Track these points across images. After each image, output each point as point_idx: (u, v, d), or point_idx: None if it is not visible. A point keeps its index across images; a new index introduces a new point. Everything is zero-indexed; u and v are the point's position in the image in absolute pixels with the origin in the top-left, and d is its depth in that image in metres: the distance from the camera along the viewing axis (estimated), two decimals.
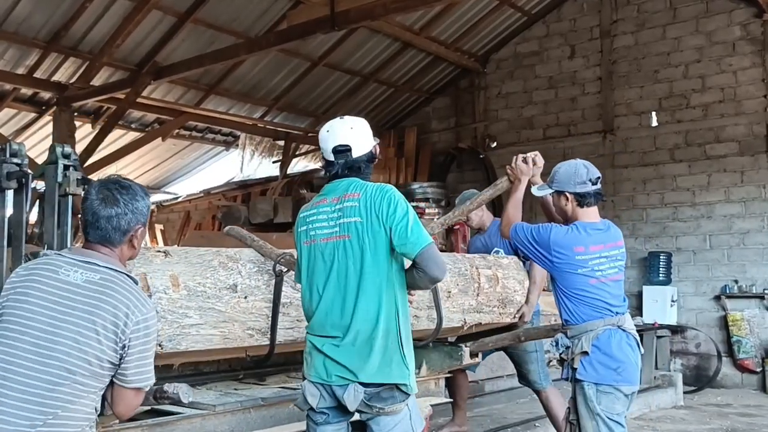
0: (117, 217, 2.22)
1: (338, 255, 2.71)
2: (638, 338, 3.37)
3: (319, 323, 2.73)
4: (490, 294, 4.44)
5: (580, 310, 3.29)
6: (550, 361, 6.41)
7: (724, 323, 8.75)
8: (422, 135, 11.63)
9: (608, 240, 3.36)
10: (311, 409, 2.73)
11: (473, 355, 4.53)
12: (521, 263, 4.80)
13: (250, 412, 3.75)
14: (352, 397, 2.62)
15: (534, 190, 3.57)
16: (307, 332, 2.82)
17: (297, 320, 3.37)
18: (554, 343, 3.38)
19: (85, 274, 2.14)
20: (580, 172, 3.35)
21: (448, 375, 4.79)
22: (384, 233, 2.67)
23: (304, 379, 2.80)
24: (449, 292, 4.15)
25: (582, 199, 3.35)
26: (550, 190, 3.45)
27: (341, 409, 2.70)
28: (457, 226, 8.22)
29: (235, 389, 4.10)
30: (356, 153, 2.80)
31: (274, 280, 3.29)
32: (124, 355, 2.13)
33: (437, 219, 5.31)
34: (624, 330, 3.29)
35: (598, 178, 3.37)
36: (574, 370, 3.26)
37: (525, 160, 3.66)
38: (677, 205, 9.26)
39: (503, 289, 4.53)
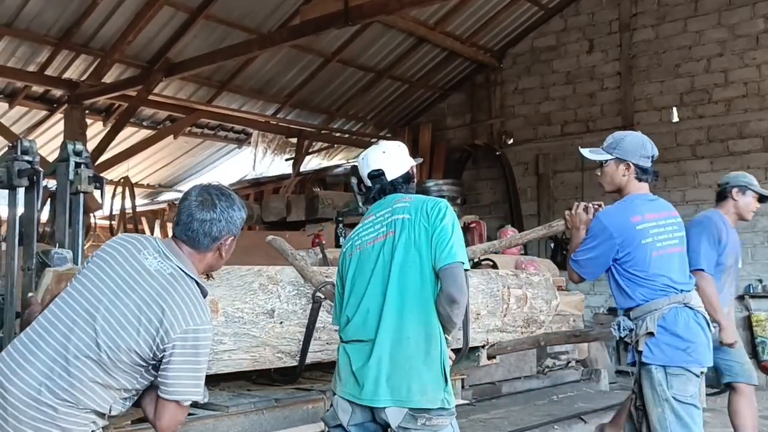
0: (210, 222, 2.21)
1: (384, 251, 2.65)
2: (707, 316, 3.22)
3: (358, 325, 2.63)
4: (516, 314, 4.44)
5: (643, 291, 3.16)
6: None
7: (748, 324, 8.54)
8: (437, 132, 11.53)
9: (662, 209, 3.29)
10: (338, 425, 2.64)
11: (490, 357, 4.47)
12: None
13: (263, 413, 3.76)
14: (397, 414, 2.53)
15: (586, 152, 3.44)
16: (342, 341, 2.71)
17: (327, 343, 3.39)
18: (616, 327, 3.22)
19: (160, 264, 2.16)
20: (646, 146, 3.30)
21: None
22: (428, 233, 2.61)
23: (334, 394, 2.71)
24: (478, 314, 4.14)
25: (641, 173, 3.27)
26: (609, 156, 3.31)
27: (371, 426, 2.62)
28: (473, 225, 8.10)
29: (248, 390, 4.09)
30: (390, 176, 2.83)
31: (310, 306, 3.26)
32: (164, 361, 2.08)
33: (479, 245, 5.30)
34: (691, 308, 3.14)
35: (656, 157, 3.33)
36: (639, 353, 3.13)
37: (586, 209, 3.49)
38: (699, 202, 9.03)
39: (530, 309, 4.52)
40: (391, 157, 2.86)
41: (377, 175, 2.83)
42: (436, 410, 2.54)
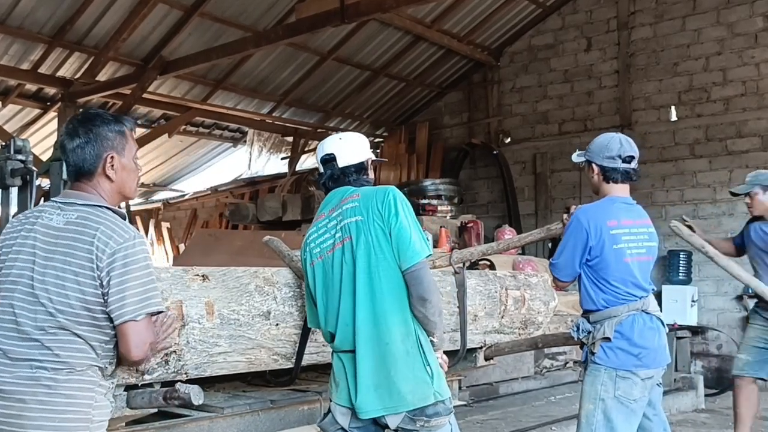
0: (80, 147, 2.17)
1: (345, 258, 2.59)
2: (662, 319, 3.31)
3: (342, 338, 2.61)
4: (514, 316, 4.43)
5: (606, 297, 3.22)
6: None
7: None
8: (434, 130, 11.45)
9: (638, 216, 3.30)
10: (340, 429, 2.61)
11: (488, 359, 4.45)
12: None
13: (258, 414, 3.75)
14: (395, 417, 2.52)
15: (573, 156, 3.47)
16: (333, 351, 2.69)
17: (323, 345, 3.33)
18: (575, 328, 3.32)
19: (66, 215, 2.13)
20: (611, 146, 3.27)
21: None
22: (386, 232, 2.57)
23: (330, 400, 2.69)
24: (475, 315, 4.12)
25: (607, 174, 3.26)
26: (582, 159, 3.37)
27: (372, 428, 2.60)
28: (470, 224, 8.05)
29: (244, 391, 4.07)
30: (342, 162, 2.74)
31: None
32: (106, 290, 2.04)
33: (477, 246, 5.30)
34: (647, 313, 3.23)
35: (631, 157, 3.27)
36: (593, 354, 3.22)
37: None
38: (697, 202, 9.02)
39: (528, 311, 4.51)
40: (346, 145, 2.79)
41: (329, 160, 2.76)
42: (431, 407, 2.52)
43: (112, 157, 2.19)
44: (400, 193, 2.66)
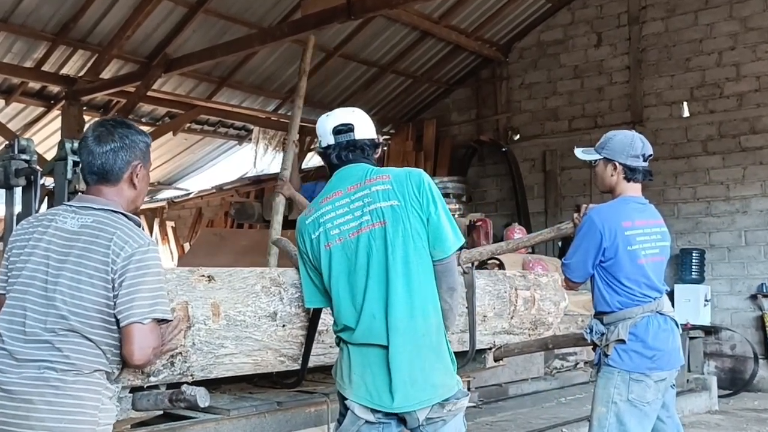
0: (112, 151, 2.18)
1: (375, 245, 2.43)
2: (676, 319, 3.28)
3: (367, 330, 2.44)
4: (524, 316, 4.39)
5: (620, 299, 3.19)
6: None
7: (761, 323, 8.41)
8: (442, 127, 11.35)
9: (651, 216, 3.29)
10: (366, 422, 2.47)
11: (497, 360, 4.39)
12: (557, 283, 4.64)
13: (265, 416, 3.71)
14: (423, 411, 2.44)
15: (578, 153, 3.43)
16: (349, 343, 2.51)
17: (330, 346, 3.28)
18: (588, 330, 3.29)
19: (81, 219, 2.14)
20: (635, 144, 3.25)
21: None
22: (423, 220, 2.47)
23: (343, 398, 2.53)
24: (485, 316, 4.11)
25: (631, 173, 3.24)
26: (598, 156, 3.30)
27: (393, 417, 2.49)
28: (479, 223, 7.97)
29: (250, 393, 4.03)
30: (360, 135, 2.58)
31: (312, 308, 3.12)
32: (117, 292, 2.08)
33: (486, 246, 5.36)
34: (662, 314, 3.21)
35: (650, 155, 3.27)
36: (606, 356, 3.19)
37: None
38: (710, 199, 8.90)
39: (538, 311, 4.49)
40: (361, 117, 2.64)
41: (345, 130, 2.57)
42: (455, 393, 2.48)
43: (140, 166, 2.24)
44: (430, 178, 2.56)
